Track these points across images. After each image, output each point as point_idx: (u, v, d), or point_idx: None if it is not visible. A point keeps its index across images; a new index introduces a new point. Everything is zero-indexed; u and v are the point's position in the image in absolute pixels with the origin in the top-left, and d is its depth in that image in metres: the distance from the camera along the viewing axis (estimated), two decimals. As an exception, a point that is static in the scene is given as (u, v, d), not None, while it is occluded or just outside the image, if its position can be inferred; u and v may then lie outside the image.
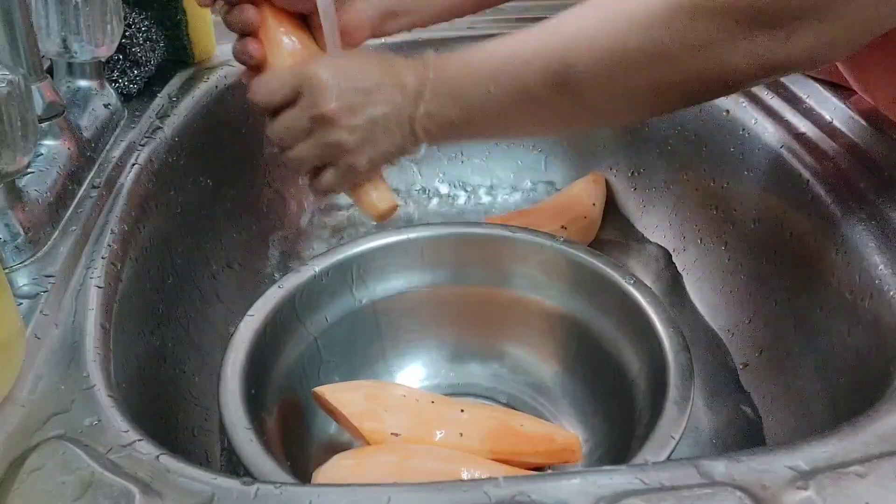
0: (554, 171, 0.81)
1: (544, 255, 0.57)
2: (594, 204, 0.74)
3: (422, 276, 0.59)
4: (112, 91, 0.60)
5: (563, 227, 0.70)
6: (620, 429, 0.51)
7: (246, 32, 0.51)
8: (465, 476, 0.46)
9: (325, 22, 0.50)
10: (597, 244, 0.73)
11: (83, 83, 0.58)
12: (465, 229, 0.60)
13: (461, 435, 0.50)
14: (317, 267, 0.55)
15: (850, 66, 0.59)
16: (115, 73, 0.62)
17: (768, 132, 0.60)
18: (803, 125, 0.59)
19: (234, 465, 0.53)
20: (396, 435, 0.50)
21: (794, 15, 0.38)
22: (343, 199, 0.79)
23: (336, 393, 0.51)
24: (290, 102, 0.49)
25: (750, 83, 0.44)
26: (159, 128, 0.60)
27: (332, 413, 0.52)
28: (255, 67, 0.51)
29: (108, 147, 0.57)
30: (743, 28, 0.39)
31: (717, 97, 0.46)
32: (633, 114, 0.51)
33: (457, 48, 0.49)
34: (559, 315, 0.57)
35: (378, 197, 0.51)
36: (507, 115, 0.48)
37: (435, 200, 0.80)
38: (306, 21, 0.52)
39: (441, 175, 0.81)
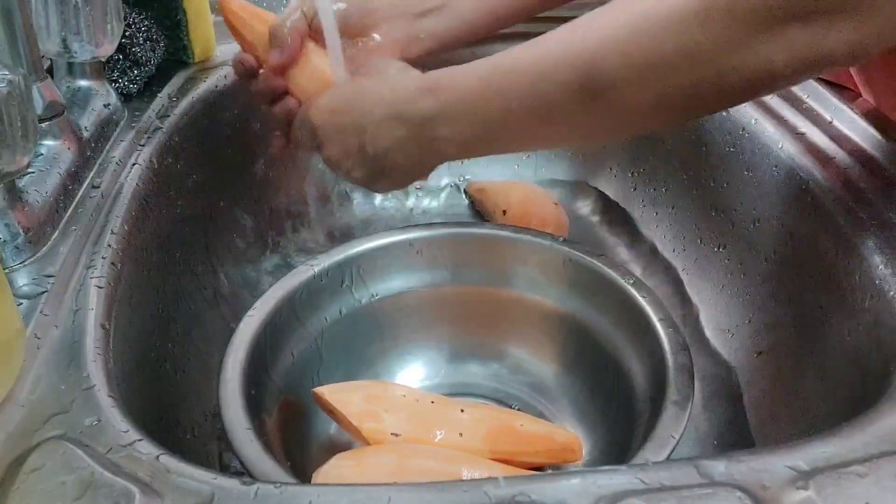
0: (554, 170, 0.81)
1: (544, 255, 0.57)
2: (556, 203, 0.73)
3: (421, 276, 0.59)
4: (112, 91, 0.60)
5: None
6: (620, 429, 0.51)
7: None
8: (465, 476, 0.46)
9: (324, 22, 0.50)
10: (596, 244, 0.73)
11: (83, 83, 0.58)
12: (465, 229, 0.60)
13: (461, 435, 0.50)
14: (316, 267, 0.55)
15: (858, 67, 0.59)
16: (115, 73, 0.62)
17: (768, 132, 0.60)
18: (803, 125, 0.59)
19: (231, 466, 0.53)
20: (396, 435, 0.50)
21: (832, 8, 0.36)
22: (347, 201, 0.79)
23: (336, 393, 0.51)
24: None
25: (788, 81, 0.42)
26: (159, 128, 0.60)
27: (332, 413, 0.52)
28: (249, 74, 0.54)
29: (108, 147, 0.57)
30: (780, 23, 0.37)
31: (756, 97, 0.44)
32: (665, 119, 0.48)
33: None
34: (559, 315, 0.57)
35: None
36: (532, 130, 0.46)
37: (434, 199, 0.80)
38: None
39: (441, 174, 0.81)
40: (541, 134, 0.47)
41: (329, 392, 0.51)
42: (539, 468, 0.51)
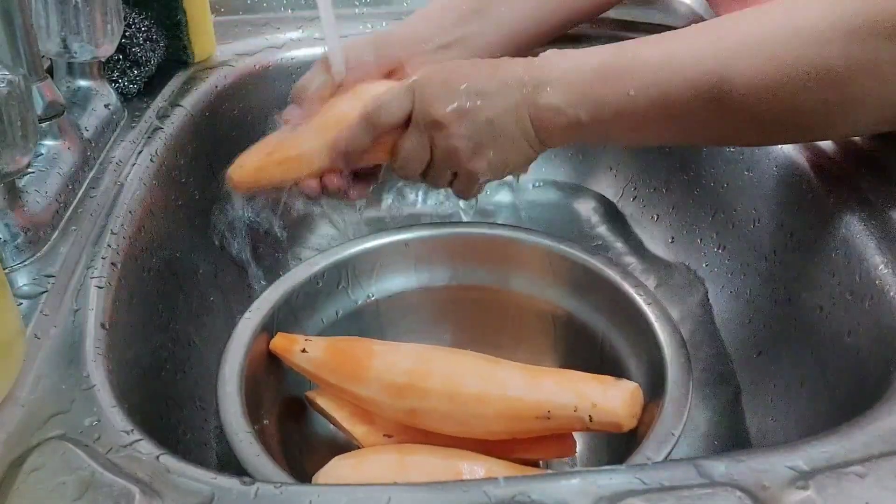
0: (555, 171, 0.81)
1: (542, 254, 0.57)
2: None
3: (419, 277, 0.59)
4: (112, 91, 0.60)
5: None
6: (620, 428, 0.51)
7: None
8: (464, 471, 0.46)
9: (324, 18, 0.50)
10: (596, 244, 0.73)
11: (83, 83, 0.58)
12: (461, 229, 0.60)
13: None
14: (314, 267, 0.55)
15: None
16: (115, 73, 0.62)
17: (768, 132, 0.60)
18: (803, 125, 0.59)
19: (231, 466, 0.53)
20: (389, 437, 0.50)
21: None
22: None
23: (328, 397, 0.51)
24: (407, 119, 0.48)
25: None
26: (159, 128, 0.60)
27: (326, 416, 0.52)
28: None
29: (108, 147, 0.57)
30: None
31: (883, 130, 0.43)
32: (787, 134, 0.48)
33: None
34: (557, 314, 0.57)
35: None
36: (644, 122, 0.45)
37: (432, 198, 0.80)
38: None
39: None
40: (655, 128, 0.46)
41: (321, 395, 0.51)
42: (535, 462, 0.51)
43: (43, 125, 0.50)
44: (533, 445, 0.50)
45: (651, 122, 0.45)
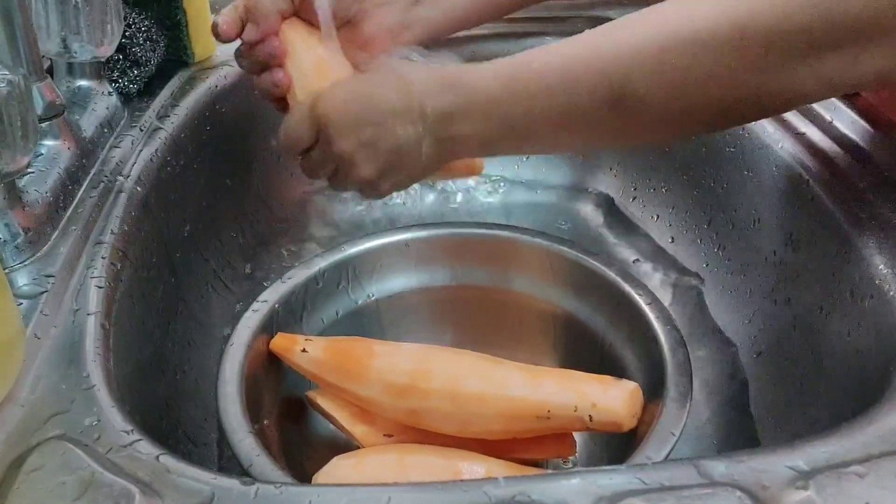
0: (555, 171, 0.81)
1: (542, 254, 0.57)
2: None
3: (420, 277, 0.59)
4: (112, 91, 0.60)
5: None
6: (620, 428, 0.51)
7: (272, 65, 0.51)
8: (464, 471, 0.46)
9: (320, 11, 0.50)
10: (596, 244, 0.73)
11: (83, 83, 0.58)
12: (461, 229, 0.60)
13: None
14: (314, 267, 0.55)
15: None
16: (115, 73, 0.62)
17: (768, 132, 0.60)
18: (803, 125, 0.59)
19: (231, 466, 0.53)
20: (389, 436, 0.50)
21: (864, 38, 0.37)
22: (346, 200, 0.79)
23: (328, 396, 0.51)
24: (314, 142, 0.48)
25: (815, 101, 0.44)
26: (159, 128, 0.60)
27: (326, 416, 0.52)
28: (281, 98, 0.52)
29: (108, 147, 0.57)
30: (815, 51, 0.38)
31: (781, 113, 0.45)
32: (691, 130, 0.52)
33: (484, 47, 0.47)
34: (557, 314, 0.57)
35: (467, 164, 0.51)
36: (555, 133, 0.46)
37: (431, 197, 0.80)
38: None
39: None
40: (563, 137, 0.47)
41: (321, 395, 0.51)
42: (535, 462, 0.51)
43: (43, 125, 0.50)
44: (533, 445, 0.50)
45: (559, 132, 0.46)
